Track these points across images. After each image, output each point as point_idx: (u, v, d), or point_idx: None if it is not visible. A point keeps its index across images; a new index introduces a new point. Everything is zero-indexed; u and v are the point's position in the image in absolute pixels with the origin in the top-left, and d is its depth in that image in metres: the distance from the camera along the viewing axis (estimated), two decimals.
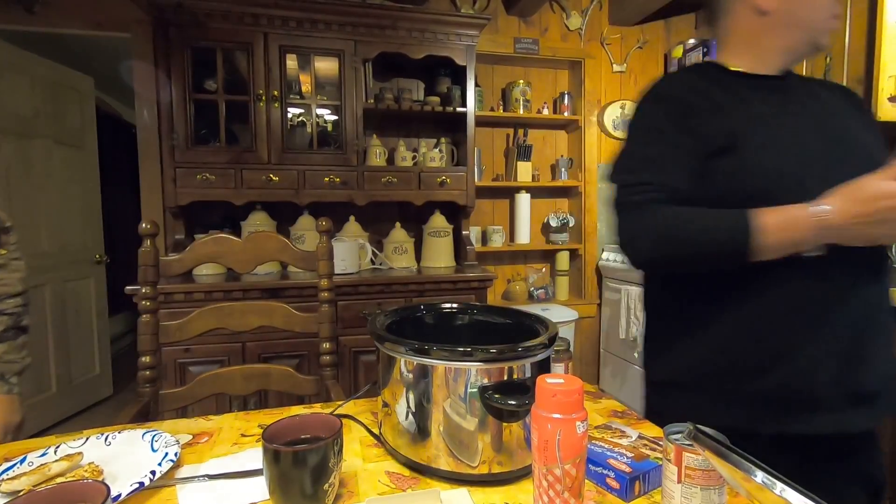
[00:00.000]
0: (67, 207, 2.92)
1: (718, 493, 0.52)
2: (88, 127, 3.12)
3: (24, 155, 2.64)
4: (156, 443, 0.74)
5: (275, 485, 0.57)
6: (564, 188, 3.12)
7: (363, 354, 2.16)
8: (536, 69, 3.05)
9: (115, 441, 0.77)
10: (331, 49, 2.27)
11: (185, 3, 2.07)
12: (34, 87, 2.70)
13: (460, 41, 2.41)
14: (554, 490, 0.51)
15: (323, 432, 0.62)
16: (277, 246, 1.25)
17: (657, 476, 0.62)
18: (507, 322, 0.85)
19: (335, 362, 1.25)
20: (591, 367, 3.13)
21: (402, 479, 0.66)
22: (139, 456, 0.72)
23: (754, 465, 0.42)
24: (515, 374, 0.65)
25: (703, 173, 0.80)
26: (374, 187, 2.37)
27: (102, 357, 3.19)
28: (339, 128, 2.36)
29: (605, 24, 3.04)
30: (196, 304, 1.90)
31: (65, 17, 2.28)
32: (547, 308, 2.80)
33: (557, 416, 0.51)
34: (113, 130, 4.11)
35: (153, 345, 1.14)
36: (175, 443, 0.73)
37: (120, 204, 4.13)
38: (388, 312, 0.84)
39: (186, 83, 2.15)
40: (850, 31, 1.87)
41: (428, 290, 2.24)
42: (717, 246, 0.77)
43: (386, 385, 0.71)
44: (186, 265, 1.20)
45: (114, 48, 3.11)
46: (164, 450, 0.72)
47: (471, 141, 2.50)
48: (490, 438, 0.63)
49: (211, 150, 2.20)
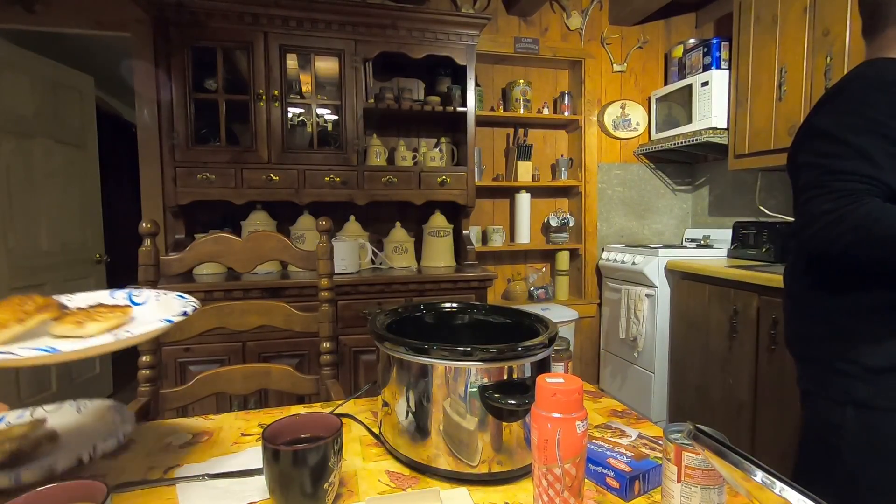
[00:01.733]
0: (67, 207, 2.92)
1: (718, 493, 0.52)
2: (88, 126, 3.12)
3: (24, 155, 2.64)
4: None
5: (275, 484, 0.57)
6: (564, 188, 3.12)
7: (363, 354, 2.17)
8: (536, 69, 3.05)
9: (84, 410, 0.76)
10: (331, 49, 2.27)
11: (186, 3, 2.07)
12: (34, 86, 2.70)
13: (460, 41, 2.41)
14: (554, 489, 0.51)
15: (323, 432, 0.62)
16: (277, 245, 1.25)
17: (657, 475, 0.62)
18: (507, 322, 0.85)
19: (335, 362, 1.25)
20: (591, 367, 3.13)
21: (402, 479, 0.66)
22: (99, 426, 0.72)
23: (754, 465, 0.42)
24: (515, 374, 0.65)
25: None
26: (374, 187, 2.37)
27: (102, 356, 3.19)
28: (340, 127, 2.36)
29: (606, 23, 3.04)
30: None
31: (65, 16, 2.28)
32: (547, 308, 2.80)
33: (557, 415, 0.51)
34: (113, 130, 4.11)
35: (153, 344, 1.13)
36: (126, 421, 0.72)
37: (120, 203, 4.14)
38: (388, 312, 0.84)
39: (186, 82, 2.15)
40: (850, 30, 1.87)
41: (428, 289, 2.24)
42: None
43: (386, 384, 0.71)
44: (186, 265, 1.20)
45: (114, 47, 3.11)
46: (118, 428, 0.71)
47: (471, 141, 2.50)
48: (490, 438, 0.63)
49: (211, 150, 2.20)
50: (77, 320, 0.61)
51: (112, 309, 0.66)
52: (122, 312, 0.66)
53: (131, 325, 0.65)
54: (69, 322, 0.61)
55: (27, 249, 2.64)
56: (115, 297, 0.75)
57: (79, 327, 0.60)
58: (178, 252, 1.21)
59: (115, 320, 0.63)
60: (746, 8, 2.37)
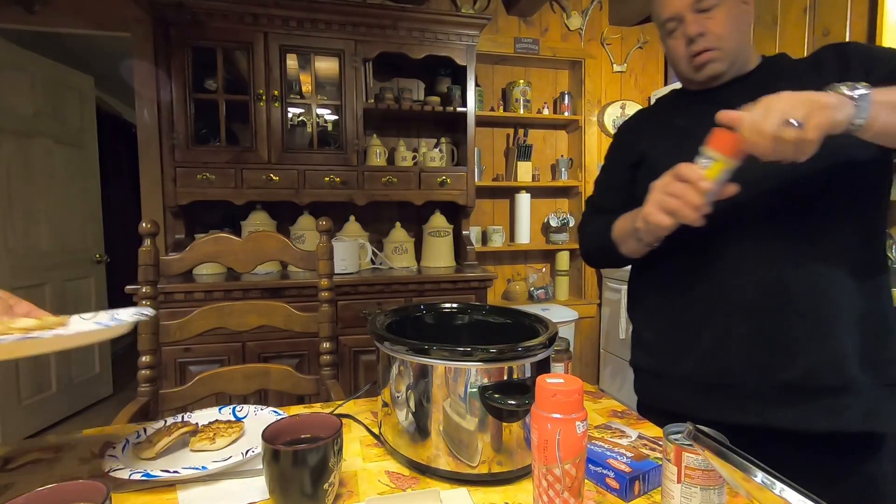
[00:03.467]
0: (67, 207, 2.92)
1: (718, 493, 0.52)
2: (89, 126, 3.12)
3: (24, 154, 2.64)
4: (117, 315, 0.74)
5: (275, 484, 0.57)
6: (564, 188, 3.11)
7: (363, 354, 2.16)
8: (536, 69, 3.05)
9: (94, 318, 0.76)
10: (331, 49, 2.27)
11: (186, 3, 2.07)
12: (34, 86, 2.70)
13: (460, 41, 2.41)
14: (554, 490, 0.51)
15: (323, 432, 0.62)
16: (277, 246, 1.25)
17: (657, 476, 0.62)
18: (507, 322, 0.85)
19: (335, 362, 1.25)
20: (591, 367, 3.13)
21: (402, 479, 0.66)
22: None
23: (754, 465, 0.42)
24: (515, 374, 0.65)
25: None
26: (374, 187, 2.37)
27: (102, 356, 3.19)
28: (340, 127, 2.36)
29: (605, 24, 3.04)
30: (196, 303, 1.90)
31: (65, 16, 2.28)
32: (547, 308, 2.80)
33: (557, 416, 0.51)
34: (113, 130, 4.11)
35: (153, 344, 1.13)
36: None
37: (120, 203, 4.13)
38: (388, 312, 0.84)
39: (186, 83, 2.15)
40: (850, 31, 1.87)
41: (428, 289, 2.24)
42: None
43: (386, 385, 0.71)
44: (186, 265, 1.20)
45: (114, 47, 3.11)
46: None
47: (471, 141, 2.50)
48: (490, 438, 0.63)
49: (211, 150, 2.20)
50: None
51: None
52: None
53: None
54: None
55: (27, 249, 2.64)
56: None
57: None
58: (178, 252, 1.21)
59: None
60: None
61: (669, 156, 0.79)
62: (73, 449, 0.76)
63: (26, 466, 0.71)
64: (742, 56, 0.86)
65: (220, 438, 0.75)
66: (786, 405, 0.78)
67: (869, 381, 0.77)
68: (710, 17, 0.83)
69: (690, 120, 0.88)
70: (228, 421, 0.81)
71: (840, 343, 0.76)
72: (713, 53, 0.84)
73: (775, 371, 0.78)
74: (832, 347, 0.76)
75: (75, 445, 0.77)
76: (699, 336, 0.84)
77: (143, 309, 0.73)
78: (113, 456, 0.69)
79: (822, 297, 0.77)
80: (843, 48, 0.82)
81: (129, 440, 0.75)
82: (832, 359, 0.76)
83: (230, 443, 0.75)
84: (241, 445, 0.75)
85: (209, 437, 0.75)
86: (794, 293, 0.77)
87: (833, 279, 0.77)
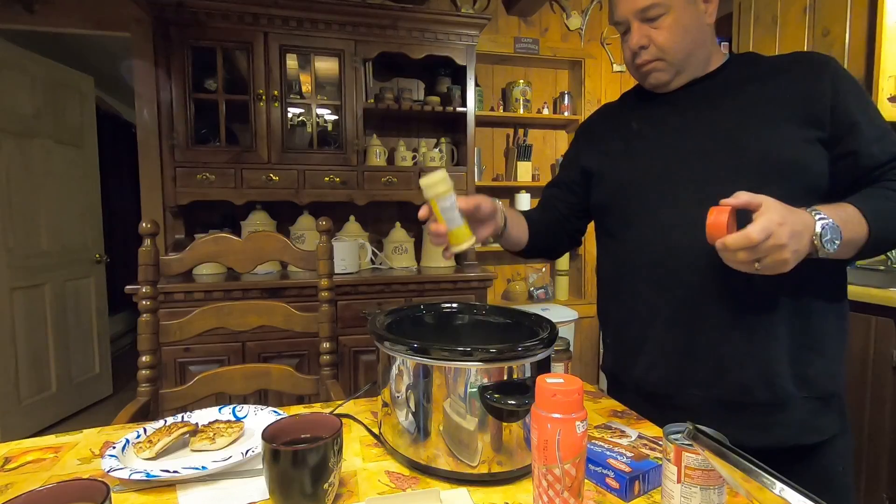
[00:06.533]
0: (67, 207, 2.92)
1: (718, 493, 0.52)
2: (88, 126, 3.12)
3: (24, 154, 2.64)
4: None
5: (275, 484, 0.57)
6: None
7: (363, 354, 2.16)
8: (536, 69, 3.04)
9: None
10: (331, 49, 2.27)
11: (186, 3, 2.07)
12: (34, 86, 2.70)
13: (460, 41, 2.41)
14: (554, 490, 0.51)
15: (323, 432, 0.62)
16: (277, 245, 1.25)
17: (657, 476, 0.62)
18: (506, 322, 0.85)
19: (335, 362, 1.25)
20: (591, 367, 3.13)
21: (402, 479, 0.66)
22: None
23: (754, 465, 0.42)
24: (515, 374, 0.65)
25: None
26: (374, 187, 2.37)
27: (102, 356, 3.19)
28: (339, 127, 2.36)
29: (605, 24, 3.04)
30: (196, 303, 1.90)
31: (65, 16, 2.27)
32: (547, 308, 2.80)
33: (557, 415, 0.51)
34: (113, 130, 4.11)
35: (153, 344, 1.13)
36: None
37: (120, 203, 4.14)
38: (388, 312, 0.84)
39: (186, 83, 2.15)
40: (850, 31, 1.87)
41: (428, 289, 2.24)
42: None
43: (386, 385, 0.71)
44: (186, 265, 1.20)
45: (114, 47, 3.11)
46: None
47: (471, 141, 2.50)
48: (490, 438, 0.63)
49: (211, 150, 2.20)
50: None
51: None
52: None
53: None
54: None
55: (27, 249, 2.64)
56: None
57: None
58: (178, 252, 1.21)
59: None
60: (746, 8, 2.37)
61: (616, 165, 0.90)
62: (72, 449, 0.76)
63: (26, 466, 0.70)
64: (694, 60, 0.83)
65: (220, 438, 0.75)
66: (718, 420, 0.74)
67: (801, 395, 0.77)
68: (655, 26, 0.81)
69: (645, 124, 0.90)
70: (228, 421, 0.81)
71: (772, 358, 0.76)
72: (656, 64, 0.83)
73: (709, 386, 0.80)
74: (765, 363, 0.76)
75: (75, 445, 0.77)
76: (643, 346, 0.86)
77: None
78: (113, 456, 0.69)
79: (754, 313, 0.77)
80: (822, 65, 0.78)
81: (129, 440, 0.75)
82: (764, 374, 0.76)
83: (230, 443, 0.75)
84: (241, 445, 0.75)
85: (209, 436, 0.75)
86: (727, 309, 0.77)
87: (766, 295, 0.76)
